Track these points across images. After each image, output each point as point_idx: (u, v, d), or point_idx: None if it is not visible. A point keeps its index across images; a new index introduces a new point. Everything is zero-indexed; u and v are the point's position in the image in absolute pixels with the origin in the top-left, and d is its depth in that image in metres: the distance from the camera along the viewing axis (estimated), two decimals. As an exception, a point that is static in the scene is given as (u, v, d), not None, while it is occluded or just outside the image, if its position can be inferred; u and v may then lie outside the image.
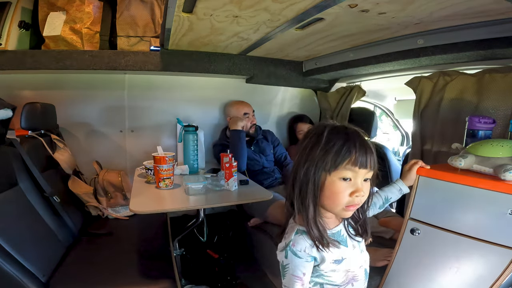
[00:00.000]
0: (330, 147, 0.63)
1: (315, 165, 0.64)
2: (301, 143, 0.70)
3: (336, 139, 0.64)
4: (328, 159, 0.63)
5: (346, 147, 0.63)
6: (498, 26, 1.01)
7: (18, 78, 1.73)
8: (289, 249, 0.67)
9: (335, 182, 0.64)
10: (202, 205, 1.27)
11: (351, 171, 0.64)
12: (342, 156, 0.63)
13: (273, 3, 0.97)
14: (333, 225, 0.72)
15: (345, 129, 0.66)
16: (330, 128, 0.66)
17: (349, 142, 0.63)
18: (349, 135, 0.64)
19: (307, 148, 0.67)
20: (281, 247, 0.69)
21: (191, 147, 1.68)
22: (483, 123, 1.06)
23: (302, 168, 0.66)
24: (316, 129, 0.68)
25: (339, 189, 0.64)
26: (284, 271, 0.68)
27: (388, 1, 0.92)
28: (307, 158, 0.66)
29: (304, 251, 0.66)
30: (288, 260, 0.67)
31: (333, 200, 0.66)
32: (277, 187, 1.94)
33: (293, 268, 0.67)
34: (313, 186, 0.65)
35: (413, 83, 1.51)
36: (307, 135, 0.70)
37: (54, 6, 1.66)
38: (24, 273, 1.00)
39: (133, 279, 1.12)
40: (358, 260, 0.74)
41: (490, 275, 0.83)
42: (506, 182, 0.80)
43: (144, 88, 1.97)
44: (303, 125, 2.25)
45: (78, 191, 1.61)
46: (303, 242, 0.66)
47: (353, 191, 0.64)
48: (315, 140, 0.66)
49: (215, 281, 1.65)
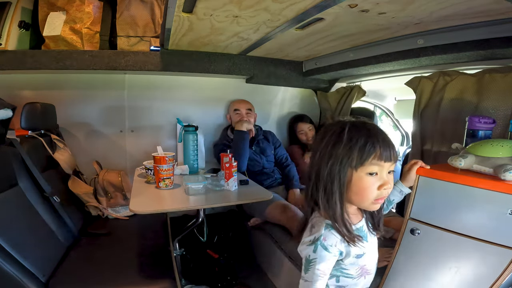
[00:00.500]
0: (353, 143, 0.64)
1: (340, 163, 0.65)
2: (318, 142, 0.71)
3: (359, 135, 0.65)
4: (353, 155, 0.64)
5: (370, 143, 0.64)
6: (498, 26, 1.01)
7: (18, 78, 1.73)
8: (319, 243, 0.67)
9: (362, 178, 0.66)
10: (202, 205, 1.27)
11: (377, 166, 0.65)
12: (367, 152, 0.64)
13: (273, 3, 0.97)
14: (356, 221, 0.75)
15: (365, 125, 0.67)
16: (350, 125, 0.67)
17: (372, 137, 0.65)
18: (370, 130, 0.66)
19: (328, 146, 0.67)
20: (308, 241, 0.69)
21: (191, 147, 1.68)
22: (483, 123, 1.06)
23: (326, 166, 0.67)
24: (335, 127, 0.69)
25: (367, 184, 0.66)
26: (310, 265, 0.67)
27: (388, 1, 0.92)
28: (330, 156, 0.66)
29: (335, 245, 0.68)
30: (316, 254, 0.67)
31: (362, 195, 0.67)
32: (277, 188, 1.94)
33: (320, 262, 0.67)
34: (338, 183, 0.66)
35: (413, 83, 1.51)
36: (324, 133, 0.70)
37: (54, 6, 1.66)
38: (24, 273, 1.00)
39: (133, 279, 1.12)
40: (374, 254, 0.77)
41: (490, 275, 0.83)
42: (506, 182, 0.80)
43: (144, 88, 1.97)
44: (303, 125, 2.25)
45: (78, 191, 1.61)
46: (334, 236, 0.68)
47: (381, 184, 0.66)
48: (336, 138, 0.67)
49: (215, 281, 1.64)
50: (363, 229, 0.75)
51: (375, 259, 0.77)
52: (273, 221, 1.65)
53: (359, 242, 0.69)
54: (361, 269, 0.73)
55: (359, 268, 0.73)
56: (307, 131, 2.24)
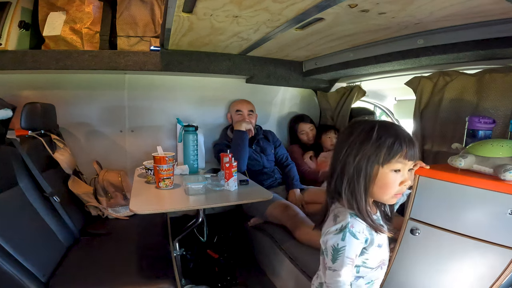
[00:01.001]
0: (382, 142, 0.70)
1: (367, 159, 0.71)
2: (344, 139, 0.75)
3: (387, 135, 0.70)
4: (381, 153, 0.70)
5: (398, 142, 0.70)
6: (498, 26, 1.01)
7: (18, 78, 1.73)
8: (348, 231, 0.71)
9: (387, 174, 0.72)
10: (202, 205, 1.27)
11: (401, 164, 0.71)
12: (395, 150, 0.69)
13: (273, 3, 0.97)
14: (373, 212, 0.80)
15: (393, 125, 0.74)
16: (379, 125, 0.72)
17: (400, 137, 0.70)
18: (398, 130, 0.72)
19: (356, 143, 0.72)
20: (335, 230, 0.72)
21: (191, 147, 1.68)
22: (483, 123, 1.06)
23: (353, 161, 0.72)
24: (364, 125, 0.74)
25: (391, 180, 0.72)
26: (338, 254, 0.70)
27: (388, 1, 0.92)
28: (357, 152, 0.72)
29: (362, 232, 0.72)
30: (345, 242, 0.70)
31: (385, 190, 0.73)
32: (277, 188, 1.94)
33: (349, 249, 0.70)
34: (364, 178, 0.72)
35: (413, 83, 1.51)
36: (351, 131, 0.75)
37: (54, 6, 1.66)
38: (24, 273, 1.00)
39: (133, 279, 1.12)
40: (387, 248, 0.82)
41: (490, 275, 0.82)
42: (506, 182, 0.80)
43: (144, 88, 1.97)
44: (304, 125, 2.26)
45: (78, 191, 1.61)
46: (360, 223, 0.72)
47: (402, 181, 0.73)
48: (364, 136, 0.72)
49: (215, 281, 1.64)
50: (380, 221, 0.80)
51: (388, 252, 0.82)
52: (273, 221, 1.66)
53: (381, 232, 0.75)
54: (380, 260, 0.77)
55: (379, 259, 0.77)
56: (308, 131, 2.25)
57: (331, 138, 2.16)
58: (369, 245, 0.74)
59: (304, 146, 2.26)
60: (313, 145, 2.26)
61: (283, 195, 1.86)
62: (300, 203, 1.79)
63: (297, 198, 1.82)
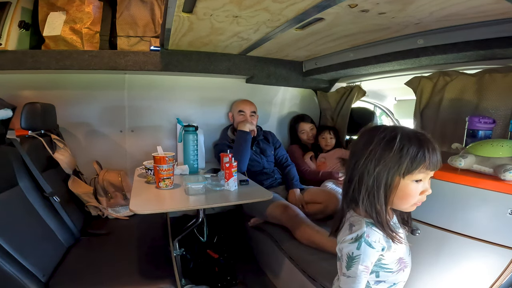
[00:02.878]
0: (404, 153, 0.67)
1: (388, 170, 0.68)
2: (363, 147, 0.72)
3: (410, 145, 0.67)
4: (403, 164, 0.67)
5: (421, 153, 0.67)
6: (498, 26, 1.01)
7: (18, 78, 1.73)
8: (363, 240, 0.69)
9: (408, 185, 0.69)
10: (202, 205, 1.27)
11: (423, 174, 0.69)
12: (417, 161, 0.67)
13: (273, 3, 0.97)
14: (391, 217, 0.78)
15: (416, 135, 0.69)
16: (401, 133, 0.69)
17: (423, 148, 0.67)
18: (421, 141, 0.68)
19: (375, 153, 0.69)
20: (350, 239, 0.71)
21: (191, 147, 1.67)
22: (483, 123, 1.06)
23: (372, 171, 0.69)
24: (384, 133, 0.70)
25: (413, 190, 0.70)
26: (353, 262, 0.70)
27: (388, 1, 0.92)
28: (377, 162, 0.69)
29: (379, 241, 0.70)
30: (360, 251, 0.69)
31: (405, 200, 0.71)
32: (277, 188, 1.94)
33: (364, 258, 0.69)
34: (385, 189, 0.69)
35: (413, 83, 1.51)
36: (370, 138, 0.71)
37: (54, 6, 1.66)
38: (24, 273, 1.00)
39: (133, 279, 1.12)
40: (406, 248, 0.79)
41: (490, 275, 0.83)
42: (506, 182, 0.80)
43: (144, 88, 1.97)
44: (305, 125, 2.26)
45: (78, 191, 1.61)
46: (376, 233, 0.70)
47: (423, 190, 0.71)
48: (385, 145, 0.68)
49: (215, 281, 1.64)
50: (397, 225, 0.79)
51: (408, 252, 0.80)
52: (273, 221, 1.65)
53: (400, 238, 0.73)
54: (399, 262, 0.75)
55: (398, 261, 0.75)
56: (308, 131, 2.26)
57: (326, 138, 2.17)
58: (385, 252, 0.73)
59: (304, 147, 2.26)
60: (313, 145, 2.26)
61: (283, 195, 1.85)
62: (300, 203, 1.79)
63: (297, 198, 1.82)
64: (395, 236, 0.71)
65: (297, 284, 1.37)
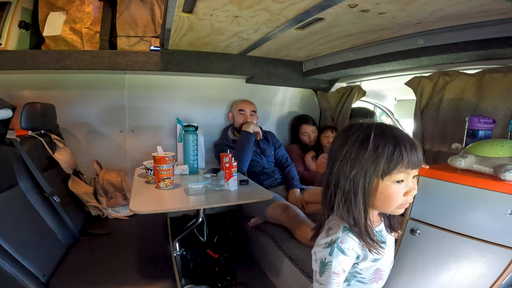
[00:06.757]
0: (380, 152, 0.62)
1: (364, 173, 0.63)
2: (338, 148, 0.67)
3: (385, 143, 0.62)
4: (379, 165, 0.62)
5: (398, 152, 0.61)
6: (498, 26, 1.01)
7: (18, 78, 1.73)
8: (336, 246, 0.64)
9: (388, 187, 0.64)
10: (202, 205, 1.27)
11: (403, 173, 0.63)
12: (395, 161, 0.61)
13: (273, 3, 0.97)
14: (377, 224, 0.72)
15: (391, 131, 0.64)
16: (375, 131, 0.64)
17: (400, 145, 0.61)
18: (397, 137, 0.63)
19: (350, 154, 0.64)
20: (324, 244, 0.66)
21: (191, 147, 1.68)
22: (483, 123, 1.06)
23: (348, 175, 0.64)
24: (358, 133, 0.65)
25: (394, 192, 0.64)
26: (325, 268, 0.65)
27: (388, 1, 0.92)
28: (353, 165, 0.64)
29: (353, 249, 0.65)
30: (332, 257, 0.64)
31: (388, 203, 0.66)
32: (277, 187, 1.94)
33: (336, 265, 0.64)
34: (363, 194, 0.64)
35: (413, 83, 1.51)
36: (345, 139, 0.66)
37: (54, 6, 1.66)
38: (24, 273, 0.99)
39: (133, 279, 1.12)
40: (390, 257, 0.74)
41: (490, 275, 0.83)
42: (506, 182, 0.80)
43: (144, 88, 1.97)
44: (307, 127, 2.26)
45: (78, 191, 1.61)
46: (351, 240, 0.65)
47: (407, 191, 0.65)
48: (359, 146, 0.63)
49: (215, 281, 1.64)
50: (382, 233, 0.73)
51: (390, 263, 0.75)
52: (273, 221, 1.65)
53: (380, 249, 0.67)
54: (375, 273, 0.71)
55: (374, 272, 0.70)
56: (310, 133, 2.25)
57: (328, 137, 2.17)
58: (361, 261, 0.68)
59: (304, 147, 2.26)
60: (313, 146, 2.26)
61: (283, 195, 1.85)
62: (300, 203, 1.79)
63: (297, 198, 1.82)
64: (374, 246, 0.65)
65: (297, 284, 1.37)
